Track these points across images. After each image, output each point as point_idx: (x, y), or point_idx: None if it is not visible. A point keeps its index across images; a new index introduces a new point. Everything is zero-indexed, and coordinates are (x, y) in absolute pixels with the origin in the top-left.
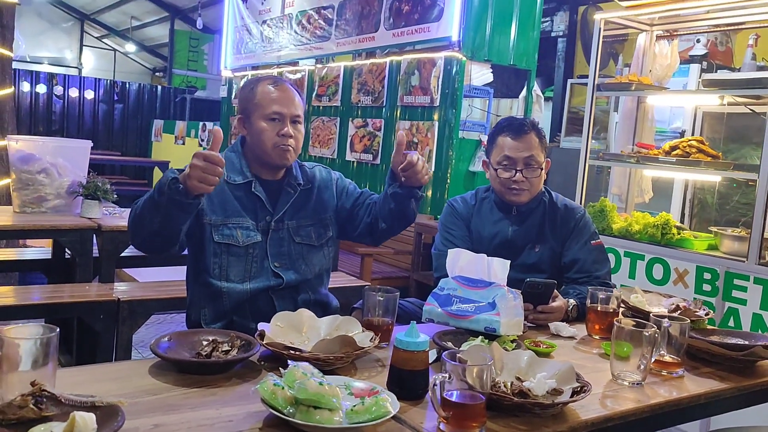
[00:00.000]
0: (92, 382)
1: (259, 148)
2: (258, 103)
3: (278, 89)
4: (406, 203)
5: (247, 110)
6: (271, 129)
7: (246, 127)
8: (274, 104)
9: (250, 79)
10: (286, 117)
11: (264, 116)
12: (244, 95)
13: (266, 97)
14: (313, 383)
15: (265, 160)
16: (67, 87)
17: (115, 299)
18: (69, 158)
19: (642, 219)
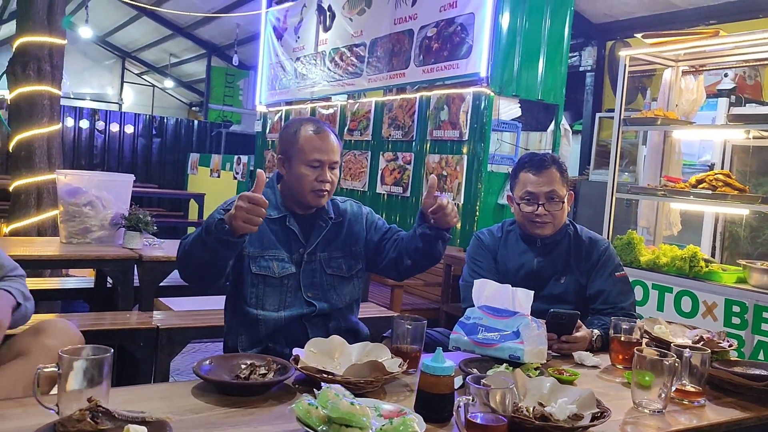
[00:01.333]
0: (140, 401)
1: (296, 189)
2: (300, 149)
3: (320, 137)
4: (433, 244)
5: (289, 153)
6: (311, 174)
7: (285, 167)
8: (316, 152)
9: (293, 120)
10: (325, 164)
11: (305, 162)
12: (287, 138)
13: (308, 145)
14: (345, 403)
15: (301, 201)
16: (108, 122)
17: (154, 327)
18: (113, 191)
19: (670, 252)
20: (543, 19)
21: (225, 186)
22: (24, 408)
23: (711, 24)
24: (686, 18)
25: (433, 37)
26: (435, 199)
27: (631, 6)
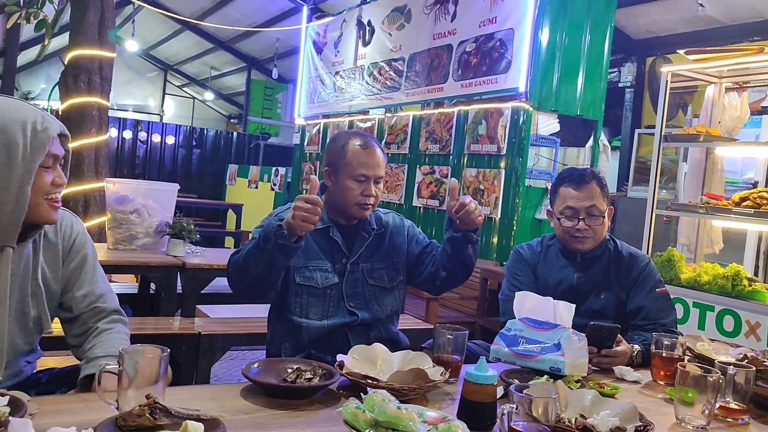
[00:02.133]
0: (193, 401)
1: (341, 201)
2: (347, 163)
3: (367, 152)
4: (463, 248)
5: (336, 165)
6: (357, 188)
7: (332, 180)
8: (363, 167)
9: (341, 133)
10: (371, 178)
11: (352, 176)
12: (335, 151)
13: (356, 159)
14: (392, 407)
15: (345, 213)
16: (150, 133)
17: (196, 333)
18: (158, 200)
19: (711, 270)
20: (583, 34)
21: (262, 197)
22: (85, 403)
23: (755, 41)
24: (729, 34)
25: (472, 52)
26: (457, 200)
27: (672, 22)
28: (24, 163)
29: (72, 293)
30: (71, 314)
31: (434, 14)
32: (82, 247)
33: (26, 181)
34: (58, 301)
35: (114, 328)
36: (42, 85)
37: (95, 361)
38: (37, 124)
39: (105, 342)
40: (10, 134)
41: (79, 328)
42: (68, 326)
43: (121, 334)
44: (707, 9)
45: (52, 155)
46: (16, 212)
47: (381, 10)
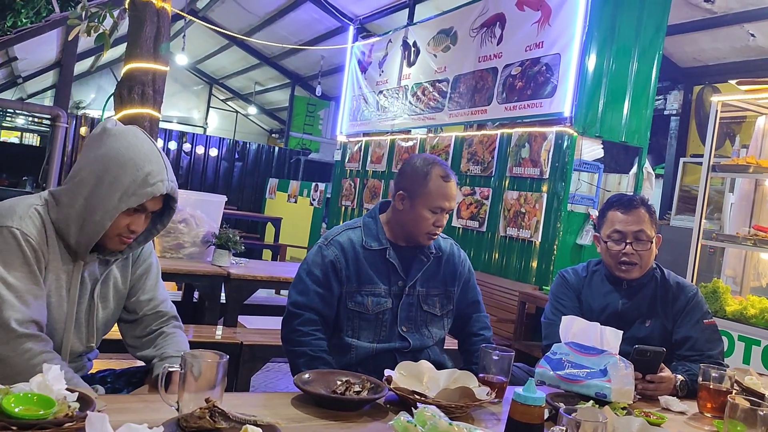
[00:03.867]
0: (245, 407)
1: (410, 227)
2: (428, 193)
3: (449, 186)
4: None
5: (414, 192)
6: (431, 218)
7: (405, 204)
8: (443, 200)
9: (421, 159)
10: (446, 210)
11: (429, 207)
12: (414, 176)
13: (438, 191)
14: (443, 423)
15: (411, 239)
16: (194, 144)
17: (238, 342)
18: (206, 210)
19: (759, 303)
20: (630, 61)
21: (301, 211)
22: (146, 403)
23: None
24: None
25: (517, 76)
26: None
27: (721, 51)
28: (117, 202)
29: (137, 297)
30: (135, 316)
31: (480, 37)
32: (148, 256)
33: (108, 217)
34: (123, 303)
35: (177, 332)
36: (92, 95)
37: (170, 359)
38: (150, 177)
39: (175, 344)
40: (123, 172)
41: (142, 330)
42: (129, 328)
43: (184, 337)
44: (758, 39)
45: (143, 205)
46: (91, 236)
47: (427, 32)
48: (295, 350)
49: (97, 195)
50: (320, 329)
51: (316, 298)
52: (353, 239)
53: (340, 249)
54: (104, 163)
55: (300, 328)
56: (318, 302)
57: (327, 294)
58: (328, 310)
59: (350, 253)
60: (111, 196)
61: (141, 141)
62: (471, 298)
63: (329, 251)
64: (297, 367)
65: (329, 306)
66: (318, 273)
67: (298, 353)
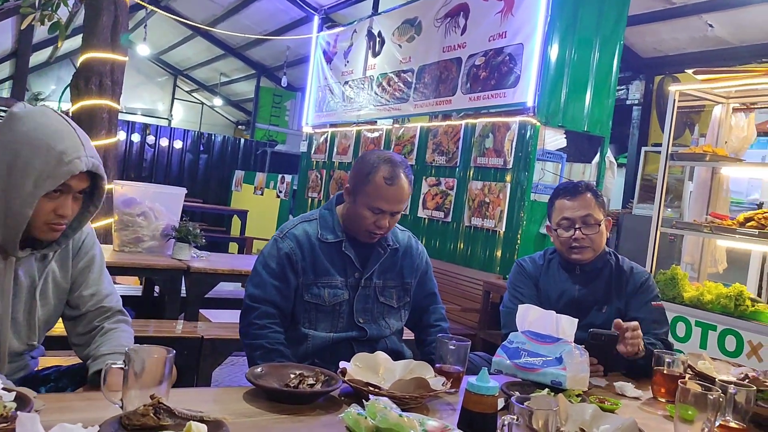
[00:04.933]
0: (195, 402)
1: (352, 223)
2: (367, 192)
3: (392, 188)
4: None
5: (357, 189)
6: (370, 218)
7: (350, 199)
8: (382, 202)
9: (372, 157)
10: (387, 212)
11: (368, 206)
12: (361, 174)
13: (378, 192)
14: (394, 414)
15: (355, 233)
16: (158, 137)
17: (199, 336)
18: (165, 203)
19: (715, 289)
20: (592, 51)
21: (268, 204)
22: (89, 401)
23: (763, 62)
24: (738, 55)
25: (481, 66)
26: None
27: (681, 41)
28: (32, 188)
29: (79, 292)
30: (77, 312)
31: (444, 27)
32: (90, 248)
33: (27, 204)
34: (65, 299)
35: (119, 327)
36: (52, 87)
37: (102, 358)
38: (65, 156)
39: (112, 340)
40: (34, 155)
41: (84, 327)
42: (72, 324)
43: (127, 333)
44: (716, 29)
45: (66, 186)
46: (15, 228)
47: (392, 22)
48: (252, 343)
49: (11, 184)
50: (277, 322)
51: (272, 291)
52: (309, 231)
53: (295, 241)
54: (14, 149)
55: (256, 322)
56: (275, 295)
57: (283, 287)
58: (285, 302)
59: (306, 246)
60: (25, 182)
61: (50, 120)
62: (428, 290)
63: (284, 244)
64: (253, 360)
65: (286, 299)
66: (274, 266)
67: (255, 346)
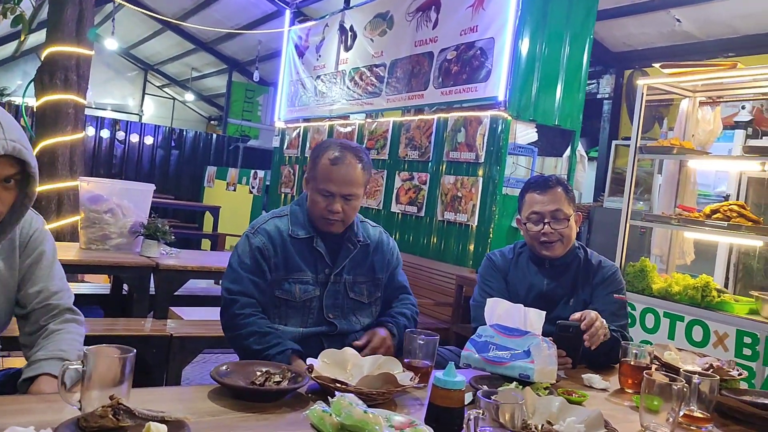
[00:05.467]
0: (158, 402)
1: (310, 212)
2: (316, 176)
3: (337, 168)
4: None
5: (309, 176)
6: (321, 202)
7: (307, 187)
8: (329, 182)
9: (323, 143)
10: (336, 195)
11: (317, 189)
12: (311, 160)
13: (323, 173)
14: (358, 411)
15: (315, 223)
16: (128, 132)
17: (168, 334)
18: (133, 200)
19: (682, 280)
20: (562, 45)
21: (241, 199)
22: (48, 404)
23: (729, 56)
24: (705, 50)
25: (452, 60)
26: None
27: (650, 36)
28: None
29: (26, 289)
30: (24, 311)
31: (416, 21)
32: (39, 244)
33: None
34: (14, 297)
35: (65, 328)
36: (18, 82)
37: (38, 364)
38: None
39: (52, 344)
40: None
41: (31, 326)
42: (21, 324)
43: (72, 334)
44: (684, 24)
45: None
46: None
47: (363, 16)
48: (242, 333)
49: None
50: (260, 310)
51: (250, 285)
52: (280, 227)
53: (267, 237)
54: None
55: (240, 312)
56: (252, 289)
57: (260, 281)
58: (262, 297)
59: (278, 241)
60: None
61: None
62: (397, 284)
63: (257, 239)
64: (249, 349)
65: (263, 293)
66: (249, 261)
67: (246, 334)
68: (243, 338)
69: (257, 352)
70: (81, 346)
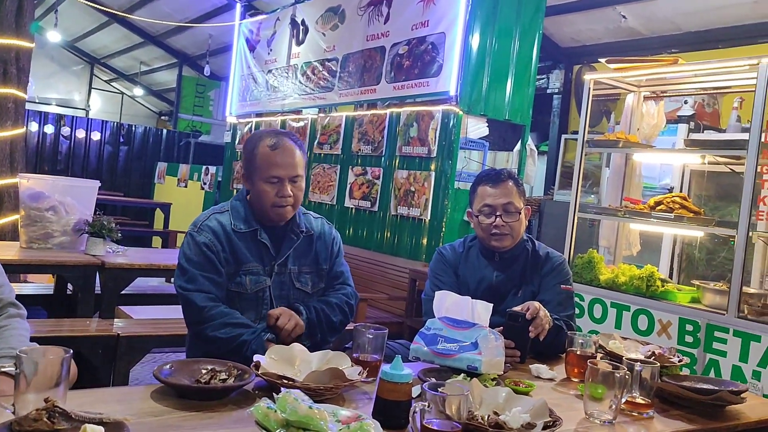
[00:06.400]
0: (98, 404)
1: (259, 205)
2: (258, 166)
3: (277, 152)
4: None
5: (249, 169)
6: (271, 190)
7: (248, 183)
8: (274, 168)
9: (254, 135)
10: (284, 179)
11: (263, 179)
12: (247, 154)
13: (266, 161)
14: (303, 406)
15: (265, 216)
16: (74, 128)
17: (114, 334)
18: (77, 197)
19: (628, 271)
20: (512, 41)
21: (192, 196)
22: None
23: (673, 53)
24: (650, 46)
25: (404, 55)
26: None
27: (597, 32)
28: None
29: None
30: None
31: (368, 16)
32: None
33: None
34: None
35: (9, 325)
36: None
37: None
38: None
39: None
40: None
41: None
42: None
43: (19, 330)
44: (629, 21)
45: None
46: None
47: (315, 10)
48: (213, 323)
49: None
50: (224, 305)
51: (206, 282)
52: (223, 222)
53: (212, 233)
54: None
55: (204, 305)
56: (209, 286)
57: (215, 277)
58: (220, 292)
59: (222, 237)
60: None
61: None
62: (334, 273)
63: (202, 236)
64: (220, 339)
65: (220, 288)
66: (198, 259)
67: (216, 325)
68: (213, 329)
69: (229, 342)
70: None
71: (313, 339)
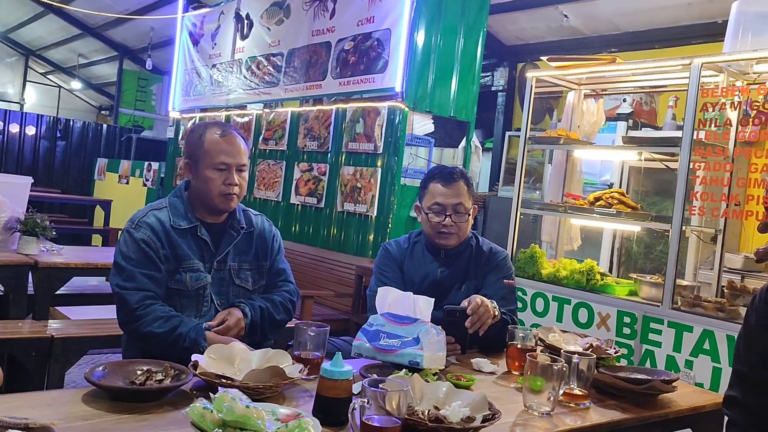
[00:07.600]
0: (26, 408)
1: (204, 194)
2: (206, 152)
3: (226, 140)
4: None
5: (195, 157)
6: (218, 178)
7: (192, 172)
8: (222, 155)
9: (198, 124)
10: (232, 167)
11: (211, 165)
12: (193, 141)
13: (214, 147)
14: (240, 406)
15: (210, 205)
16: (7, 122)
17: (48, 336)
18: (8, 194)
19: (569, 265)
20: (457, 38)
21: (134, 193)
22: None
23: (612, 52)
24: (590, 45)
25: (350, 51)
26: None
27: (540, 30)
28: None
29: None
30: None
31: (313, 11)
32: None
33: None
34: None
35: None
36: None
37: None
38: None
39: None
40: None
41: None
42: None
43: None
44: (571, 20)
45: None
46: None
47: (260, 4)
48: (145, 320)
49: None
50: (160, 302)
51: (144, 280)
52: (162, 219)
53: (150, 230)
54: None
55: (138, 304)
56: (147, 283)
57: (155, 273)
58: (160, 289)
59: (161, 233)
60: None
61: None
62: (275, 270)
63: (140, 233)
64: (155, 335)
65: (160, 285)
66: (137, 256)
67: (150, 320)
68: (147, 325)
69: (165, 335)
70: None
71: (254, 337)
